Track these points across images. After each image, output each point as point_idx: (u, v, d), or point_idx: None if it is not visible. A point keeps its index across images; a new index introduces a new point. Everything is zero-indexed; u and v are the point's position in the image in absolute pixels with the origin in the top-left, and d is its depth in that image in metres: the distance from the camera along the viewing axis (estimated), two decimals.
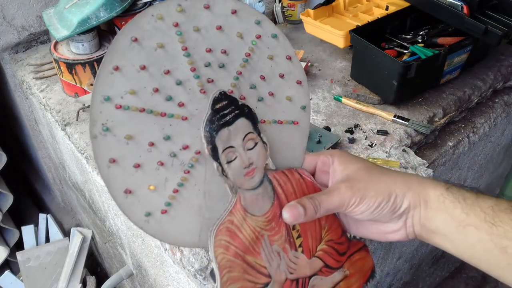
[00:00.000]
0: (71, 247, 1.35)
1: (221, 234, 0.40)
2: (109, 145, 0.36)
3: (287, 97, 0.45)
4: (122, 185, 0.36)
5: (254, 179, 0.42)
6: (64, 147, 1.05)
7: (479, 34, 0.86)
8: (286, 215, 0.40)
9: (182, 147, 0.39)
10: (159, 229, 0.39)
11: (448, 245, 0.41)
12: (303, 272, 0.44)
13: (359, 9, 1.11)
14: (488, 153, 1.14)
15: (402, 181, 0.42)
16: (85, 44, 0.92)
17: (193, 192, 0.40)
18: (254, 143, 0.42)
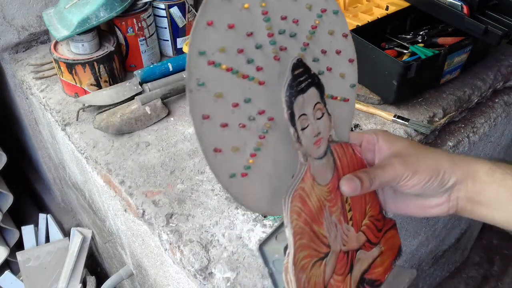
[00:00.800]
0: (71, 247, 1.35)
1: (295, 200, 0.40)
2: (203, 100, 0.36)
3: (340, 74, 0.46)
4: (212, 143, 0.37)
5: (321, 148, 0.43)
6: (64, 147, 1.05)
7: (479, 34, 0.86)
8: (345, 187, 0.42)
9: (258, 111, 0.39)
10: (240, 191, 0.39)
11: (498, 215, 0.43)
12: (352, 245, 0.45)
13: (359, 9, 1.11)
14: (488, 153, 1.14)
15: (449, 158, 0.44)
16: (85, 44, 0.92)
17: (266, 158, 0.40)
18: (321, 113, 0.43)
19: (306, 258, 0.40)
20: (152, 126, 0.89)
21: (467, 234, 1.55)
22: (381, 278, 0.48)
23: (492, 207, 0.44)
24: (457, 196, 0.45)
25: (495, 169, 0.43)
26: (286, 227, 0.39)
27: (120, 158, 0.82)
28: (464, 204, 0.45)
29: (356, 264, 0.46)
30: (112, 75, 0.97)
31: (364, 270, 0.47)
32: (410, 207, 0.47)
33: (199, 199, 0.74)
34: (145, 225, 0.74)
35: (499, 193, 0.43)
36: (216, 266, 0.64)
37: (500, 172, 0.43)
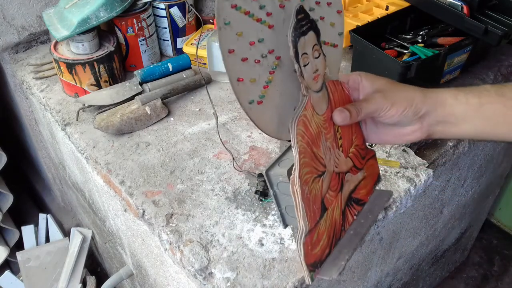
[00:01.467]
0: (71, 247, 1.35)
1: (300, 125, 0.48)
2: (229, 37, 0.43)
3: (331, 23, 0.54)
4: (236, 74, 0.43)
5: (318, 83, 0.51)
6: (64, 147, 1.05)
7: (479, 34, 0.86)
8: (337, 117, 0.51)
9: (268, 50, 0.46)
10: (257, 116, 0.46)
11: (467, 129, 0.52)
12: (342, 168, 0.54)
13: (359, 9, 1.11)
14: (488, 153, 1.15)
15: (420, 91, 0.52)
16: (85, 44, 0.92)
17: (275, 90, 0.48)
18: (318, 54, 0.50)
19: (308, 174, 0.48)
20: (152, 126, 0.89)
21: (467, 234, 1.55)
22: (364, 198, 0.58)
23: (460, 124, 0.52)
24: (428, 123, 0.53)
25: (458, 92, 0.52)
26: (293, 147, 0.47)
27: (120, 158, 0.82)
28: (435, 128, 0.53)
29: (345, 185, 0.54)
30: (112, 75, 0.97)
31: (351, 190, 0.55)
32: (389, 136, 0.55)
33: (199, 199, 0.74)
34: (145, 225, 0.74)
35: (465, 111, 0.51)
36: (216, 266, 0.64)
37: (462, 94, 0.52)
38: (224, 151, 0.82)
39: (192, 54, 1.02)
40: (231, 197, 0.74)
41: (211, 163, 0.80)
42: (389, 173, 0.77)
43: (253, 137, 0.86)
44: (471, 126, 0.52)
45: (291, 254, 0.65)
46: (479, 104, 0.51)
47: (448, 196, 1.10)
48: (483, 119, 0.51)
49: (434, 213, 1.10)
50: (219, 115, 0.89)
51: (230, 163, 0.80)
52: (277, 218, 0.70)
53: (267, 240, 0.67)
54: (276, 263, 0.64)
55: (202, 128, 0.88)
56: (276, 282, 0.62)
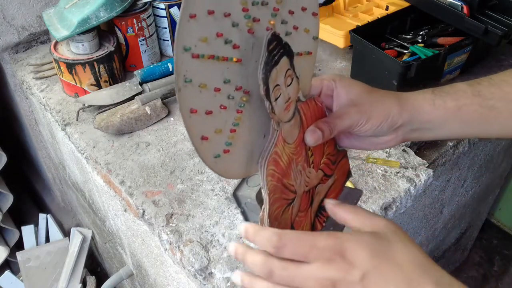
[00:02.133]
0: (71, 247, 1.35)
1: (270, 164, 0.43)
2: (190, 95, 0.37)
3: (305, 30, 0.47)
4: (200, 132, 0.38)
5: (290, 112, 0.45)
6: (64, 147, 1.05)
7: (479, 34, 0.86)
8: (309, 139, 0.47)
9: (235, 88, 0.40)
10: (224, 168, 0.42)
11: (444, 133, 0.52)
12: (313, 183, 0.50)
13: (359, 9, 1.11)
14: (488, 153, 1.14)
15: (397, 101, 0.50)
16: (85, 44, 0.92)
17: (244, 130, 0.43)
18: (291, 79, 0.44)
19: (278, 208, 0.44)
20: (152, 126, 0.89)
21: (467, 234, 1.55)
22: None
23: (437, 129, 0.51)
24: (403, 132, 0.51)
25: (434, 97, 0.50)
26: (263, 188, 0.43)
27: (120, 158, 0.82)
28: (409, 135, 0.52)
29: (315, 197, 0.50)
30: (112, 75, 0.97)
31: (321, 200, 0.51)
32: (364, 144, 0.53)
33: (199, 199, 0.74)
34: (145, 225, 0.74)
35: (442, 116, 0.50)
36: (216, 266, 0.64)
37: (439, 98, 0.50)
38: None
39: None
40: (231, 197, 0.74)
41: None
42: (389, 173, 0.77)
43: None
44: (448, 129, 0.51)
45: None
46: (457, 107, 0.49)
47: (448, 196, 1.10)
48: (460, 122, 0.50)
49: (434, 213, 1.10)
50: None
51: None
52: None
53: None
54: None
55: None
56: None
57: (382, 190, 0.74)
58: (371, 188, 0.75)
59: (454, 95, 0.50)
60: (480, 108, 0.49)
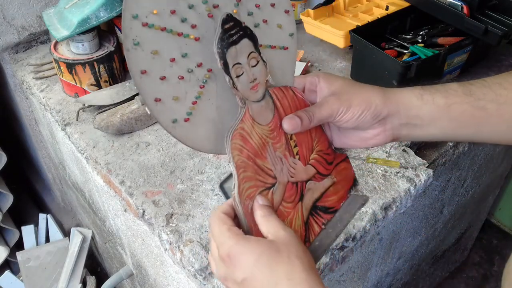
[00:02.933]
0: (71, 247, 1.35)
1: (235, 139, 0.46)
2: (139, 58, 0.40)
3: (277, 25, 0.50)
4: (152, 94, 0.42)
5: (258, 93, 0.48)
6: (64, 147, 1.05)
7: (479, 34, 0.86)
8: (286, 125, 0.48)
9: (196, 64, 0.44)
10: (183, 135, 0.45)
11: (433, 131, 0.50)
12: (301, 176, 0.51)
13: (359, 9, 1.11)
14: (488, 153, 1.15)
15: (380, 93, 0.49)
16: (85, 44, 0.92)
17: (208, 105, 0.46)
18: (256, 61, 0.47)
19: (252, 188, 0.46)
20: (152, 126, 0.89)
21: (467, 234, 1.55)
22: (336, 205, 0.54)
23: (426, 126, 0.50)
24: (392, 126, 0.50)
25: (423, 92, 0.49)
26: (230, 163, 0.45)
27: (120, 158, 0.82)
28: (399, 131, 0.51)
29: (307, 193, 0.51)
30: (112, 75, 0.97)
31: (316, 199, 0.52)
32: (353, 140, 0.53)
33: (199, 199, 0.74)
34: (145, 225, 0.74)
35: (431, 112, 0.49)
36: None
37: (428, 93, 0.49)
38: None
39: None
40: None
41: (211, 163, 0.80)
42: (389, 173, 0.77)
43: None
44: (437, 128, 0.50)
45: None
46: (446, 105, 0.48)
47: (448, 196, 1.10)
48: (450, 120, 0.49)
49: (434, 213, 1.10)
50: None
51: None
52: None
53: None
54: None
55: None
56: None
57: (382, 190, 0.74)
58: (371, 188, 0.75)
59: (444, 92, 0.49)
60: (471, 108, 0.48)
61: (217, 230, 0.44)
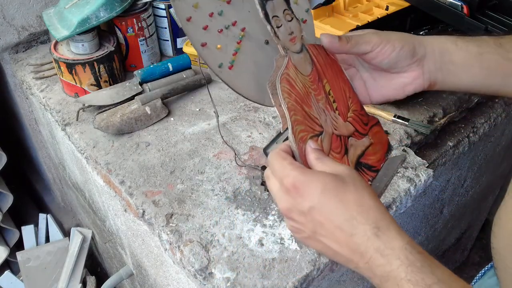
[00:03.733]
0: (71, 247, 1.35)
1: (283, 82, 0.48)
2: (183, 7, 0.46)
3: (294, 1, 0.54)
4: (198, 39, 0.47)
5: (296, 45, 0.51)
6: (64, 147, 1.05)
7: (479, 34, 0.86)
8: (324, 38, 0.50)
9: (231, 22, 0.49)
10: (229, 79, 0.49)
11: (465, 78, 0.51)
12: (342, 131, 0.53)
13: (359, 9, 1.11)
14: (488, 153, 1.14)
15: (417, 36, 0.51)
16: (85, 44, 0.92)
17: (247, 59, 0.50)
18: (291, 17, 0.51)
19: (303, 131, 0.48)
20: (152, 126, 0.89)
21: (467, 234, 1.55)
22: (377, 165, 0.55)
23: (459, 72, 0.51)
24: (429, 69, 0.51)
25: (457, 39, 0.51)
26: (282, 104, 0.47)
27: (120, 158, 0.82)
28: (435, 75, 0.52)
29: (350, 148, 0.53)
30: (112, 75, 0.97)
31: (359, 155, 0.54)
32: (391, 89, 0.54)
33: (199, 199, 0.74)
34: (145, 225, 0.74)
35: (464, 58, 0.50)
36: (216, 266, 0.64)
37: (462, 41, 0.51)
38: (224, 151, 0.82)
39: (192, 54, 1.02)
40: (231, 197, 0.74)
41: (211, 163, 0.80)
42: None
43: (253, 137, 0.86)
44: (469, 75, 0.51)
45: (291, 254, 0.65)
46: (479, 53, 0.50)
47: (448, 196, 1.10)
48: (481, 68, 0.50)
49: (434, 213, 1.10)
50: (219, 115, 0.89)
51: (230, 163, 0.80)
52: (277, 218, 0.70)
53: (267, 240, 0.67)
54: (276, 263, 0.64)
55: (202, 128, 0.88)
56: (276, 282, 0.62)
57: None
58: None
59: (477, 41, 0.51)
60: (501, 58, 0.50)
61: (278, 165, 0.44)
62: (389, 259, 0.39)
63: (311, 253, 0.65)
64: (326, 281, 0.76)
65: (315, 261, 0.65)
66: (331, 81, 0.53)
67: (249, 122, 0.89)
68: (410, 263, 0.38)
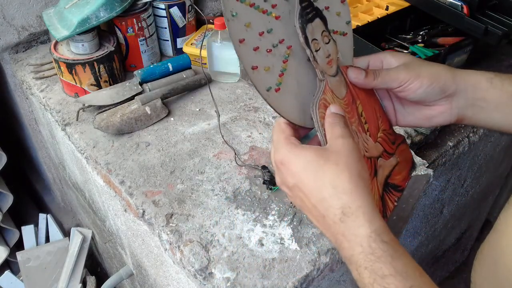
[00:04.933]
0: (71, 247, 1.35)
1: (321, 108, 0.49)
2: (237, 28, 0.46)
3: (337, 13, 0.55)
4: (250, 62, 0.47)
5: (333, 67, 0.52)
6: (64, 147, 1.05)
7: (479, 34, 0.86)
8: (350, 72, 0.51)
9: (279, 40, 0.49)
10: (276, 103, 0.49)
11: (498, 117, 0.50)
12: (373, 152, 0.53)
13: (359, 9, 1.11)
14: (488, 153, 1.14)
15: (450, 70, 0.50)
16: (85, 44, 0.92)
17: (291, 79, 0.50)
18: (328, 39, 0.52)
19: None
20: (152, 126, 0.89)
21: (467, 234, 1.55)
22: (402, 184, 0.56)
23: (491, 110, 0.49)
24: (458, 105, 0.50)
25: (494, 77, 0.49)
26: (318, 131, 0.49)
27: (120, 158, 0.82)
28: (464, 111, 0.50)
29: (379, 170, 0.53)
30: (112, 75, 0.97)
31: (387, 176, 0.54)
32: (417, 118, 0.53)
33: (199, 199, 0.74)
34: (145, 225, 0.74)
35: (498, 97, 0.49)
36: (216, 266, 0.64)
37: (498, 79, 0.49)
38: (224, 151, 0.82)
39: (192, 54, 1.02)
40: (231, 197, 0.74)
41: (211, 163, 0.80)
42: None
43: (253, 137, 0.86)
44: (502, 114, 0.49)
45: (291, 254, 0.65)
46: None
47: (448, 196, 1.10)
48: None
49: (434, 213, 1.10)
50: (219, 115, 0.89)
51: (230, 163, 0.80)
52: (277, 218, 0.70)
53: (267, 240, 0.67)
54: (276, 263, 0.64)
55: (202, 128, 0.88)
56: (276, 282, 0.62)
57: None
58: None
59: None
60: None
61: (275, 137, 0.47)
62: (351, 245, 0.40)
63: (311, 253, 0.65)
64: (326, 281, 0.76)
65: (315, 261, 0.65)
66: (363, 102, 0.54)
67: (249, 122, 0.89)
68: (372, 251, 0.39)
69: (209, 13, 1.12)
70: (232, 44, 0.46)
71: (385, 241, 0.39)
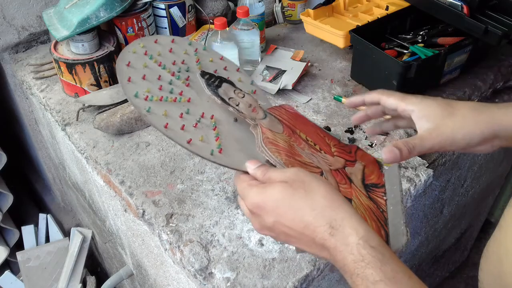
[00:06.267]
0: (71, 247, 1.35)
1: (268, 145, 0.52)
2: (156, 119, 0.51)
3: (238, 79, 0.63)
4: (182, 139, 0.51)
5: (259, 113, 0.57)
6: (64, 147, 1.05)
7: (479, 34, 0.86)
8: (385, 156, 0.49)
9: (200, 115, 0.55)
10: (225, 161, 0.51)
11: None
12: (336, 165, 0.56)
13: (359, 9, 1.11)
14: (488, 153, 1.14)
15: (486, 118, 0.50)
16: (85, 44, 0.92)
17: (228, 140, 0.54)
18: (243, 94, 0.58)
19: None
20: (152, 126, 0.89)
21: (467, 234, 1.55)
22: (380, 181, 0.59)
23: None
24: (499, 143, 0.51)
25: None
26: (279, 164, 0.50)
27: (120, 158, 0.82)
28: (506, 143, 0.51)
29: (352, 176, 0.56)
30: (112, 75, 0.97)
31: (362, 179, 0.57)
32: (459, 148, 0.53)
33: (199, 199, 0.74)
34: (145, 225, 0.74)
35: None
36: (216, 266, 0.64)
37: None
38: None
39: None
40: (231, 197, 0.74)
41: (211, 163, 0.80)
42: None
43: None
44: None
45: (291, 254, 0.65)
46: None
47: (448, 196, 1.10)
48: None
49: (434, 213, 1.10)
50: None
51: None
52: None
53: (267, 240, 0.67)
54: (276, 263, 0.64)
55: None
56: (276, 282, 0.62)
57: None
58: None
59: None
60: None
61: (239, 188, 0.48)
62: (344, 255, 0.41)
63: None
64: (326, 281, 0.76)
65: (315, 261, 0.65)
66: (304, 130, 0.58)
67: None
68: (362, 258, 0.40)
69: (209, 13, 1.13)
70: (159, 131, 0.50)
71: (373, 246, 0.40)
